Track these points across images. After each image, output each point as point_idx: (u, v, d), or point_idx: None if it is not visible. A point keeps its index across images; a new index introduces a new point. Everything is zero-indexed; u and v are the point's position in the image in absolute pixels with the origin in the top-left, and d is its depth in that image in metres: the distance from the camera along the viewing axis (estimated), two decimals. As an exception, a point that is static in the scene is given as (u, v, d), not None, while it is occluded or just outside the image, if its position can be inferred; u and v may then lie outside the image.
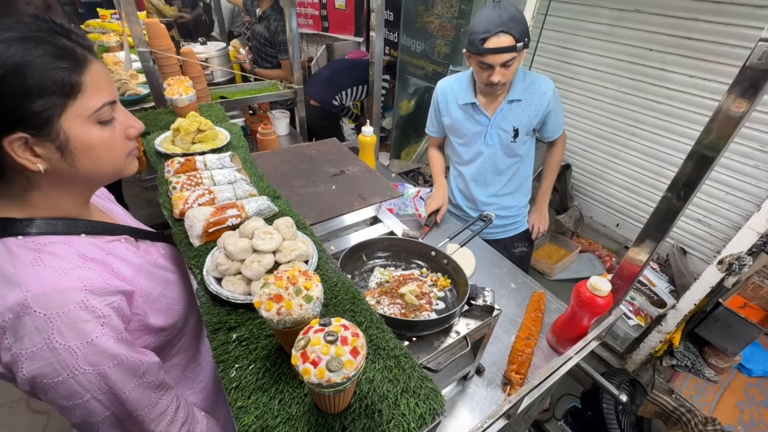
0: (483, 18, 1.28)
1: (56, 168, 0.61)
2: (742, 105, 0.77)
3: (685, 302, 1.59)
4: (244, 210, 0.87)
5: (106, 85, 0.64)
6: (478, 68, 1.39)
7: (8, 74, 0.53)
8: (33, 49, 0.55)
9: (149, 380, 0.67)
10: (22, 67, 0.53)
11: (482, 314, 0.91)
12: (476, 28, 1.29)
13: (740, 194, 2.09)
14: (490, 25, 1.25)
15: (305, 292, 0.54)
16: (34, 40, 0.55)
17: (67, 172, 0.63)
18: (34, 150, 0.58)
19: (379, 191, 1.40)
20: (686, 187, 0.90)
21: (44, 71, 0.55)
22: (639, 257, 1.10)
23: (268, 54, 2.94)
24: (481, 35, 1.27)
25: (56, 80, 0.56)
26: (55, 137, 0.58)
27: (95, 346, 0.58)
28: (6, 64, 0.52)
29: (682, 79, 2.13)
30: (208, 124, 1.17)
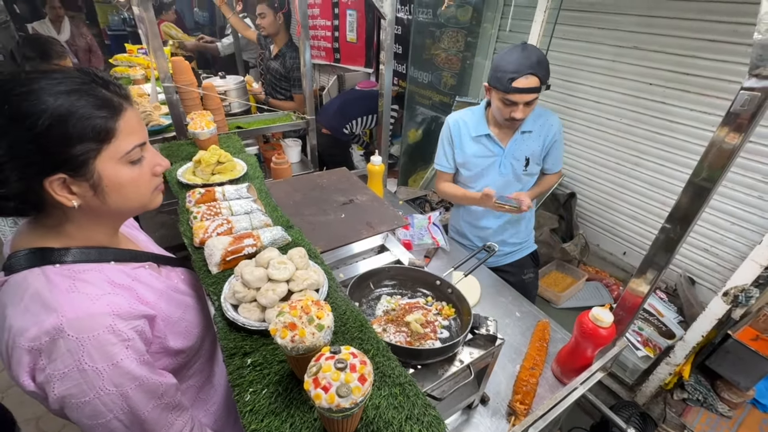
0: (512, 59, 1.35)
1: (89, 204, 0.67)
2: (730, 146, 0.81)
3: (693, 334, 1.58)
4: (260, 239, 0.92)
5: (138, 128, 0.71)
6: (501, 104, 1.45)
7: (54, 123, 0.59)
8: (77, 101, 0.61)
9: (167, 401, 0.71)
10: (67, 117, 0.60)
11: (485, 343, 0.93)
12: (505, 67, 1.36)
13: (746, 225, 2.10)
14: (520, 67, 1.33)
15: (317, 321, 0.59)
16: (78, 92, 0.62)
17: (98, 207, 0.68)
18: (70, 188, 0.64)
19: (386, 220, 1.45)
20: (684, 218, 0.94)
21: (85, 120, 0.61)
22: (640, 288, 1.12)
23: (282, 87, 3.08)
24: (510, 75, 1.34)
25: (95, 128, 0.62)
26: (90, 177, 0.64)
27: (120, 368, 0.63)
28: (54, 115, 0.59)
29: (682, 112, 2.19)
30: (227, 157, 1.25)
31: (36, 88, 0.60)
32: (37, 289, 0.63)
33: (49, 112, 0.59)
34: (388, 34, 1.90)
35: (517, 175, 1.62)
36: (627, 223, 2.64)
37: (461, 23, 3.21)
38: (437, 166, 1.82)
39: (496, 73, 1.38)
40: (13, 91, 0.59)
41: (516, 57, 1.33)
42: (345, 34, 4.48)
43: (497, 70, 1.38)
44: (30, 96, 0.59)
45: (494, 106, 1.49)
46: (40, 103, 0.59)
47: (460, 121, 1.66)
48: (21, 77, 0.61)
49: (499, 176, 1.64)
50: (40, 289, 0.63)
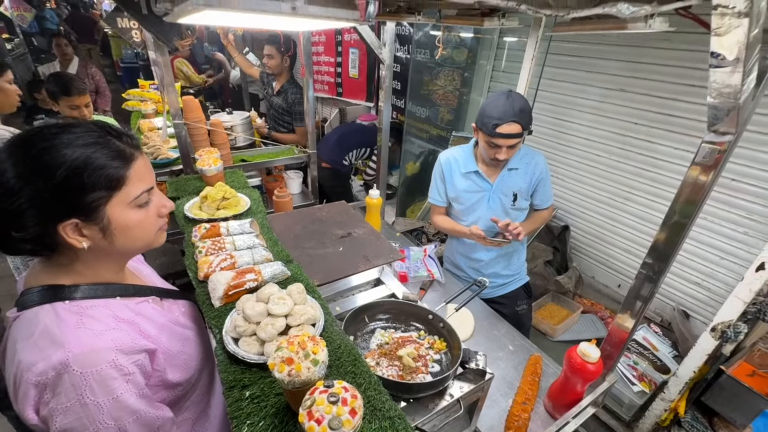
0: (497, 105, 1.45)
1: (97, 245, 0.71)
2: (698, 191, 0.88)
3: (685, 369, 1.60)
4: (261, 274, 0.98)
5: (146, 175, 0.75)
6: (486, 145, 1.55)
7: (72, 174, 0.64)
8: (93, 153, 0.66)
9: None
10: (83, 169, 0.66)
11: (475, 378, 0.97)
12: (490, 112, 1.46)
13: (734, 259, 2.15)
14: (503, 114, 1.44)
15: (313, 356, 0.63)
16: (95, 145, 0.68)
17: (106, 247, 0.72)
18: (81, 231, 0.68)
19: (383, 253, 1.50)
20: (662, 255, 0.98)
21: (99, 170, 0.66)
22: (626, 324, 1.16)
23: (284, 121, 3.23)
24: (494, 120, 1.45)
25: (108, 177, 0.68)
26: (100, 221, 0.69)
27: (119, 401, 0.66)
28: (71, 167, 0.65)
29: (668, 150, 2.29)
30: (232, 193, 1.32)
31: (57, 142, 0.66)
32: (46, 324, 0.67)
33: (67, 164, 0.64)
34: (387, 78, 2.03)
35: (506, 209, 1.69)
36: (620, 256, 2.69)
37: (457, 63, 3.40)
38: (431, 200, 1.90)
39: (483, 117, 1.49)
40: (36, 146, 0.65)
41: (501, 104, 1.44)
42: (347, 70, 4.70)
43: (483, 115, 1.49)
44: (51, 150, 0.65)
45: (481, 146, 1.60)
46: (60, 156, 0.65)
47: (451, 158, 1.77)
48: (44, 132, 0.67)
49: (488, 210, 1.71)
50: (50, 325, 0.67)
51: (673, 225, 0.94)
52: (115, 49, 8.35)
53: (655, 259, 1.00)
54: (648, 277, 1.03)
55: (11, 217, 0.64)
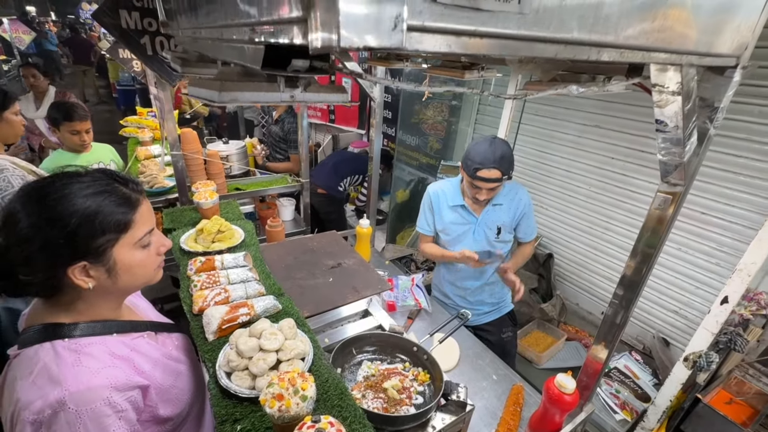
0: (479, 151, 1.55)
1: (102, 284, 0.75)
2: (656, 236, 0.98)
3: (662, 398, 1.66)
4: (254, 309, 1.03)
5: (149, 217, 0.80)
6: (468, 185, 1.66)
7: (83, 221, 0.69)
8: (102, 201, 0.72)
9: None
10: (94, 216, 0.71)
11: (457, 409, 1.01)
12: (473, 156, 1.56)
13: (708, 289, 2.25)
14: (484, 160, 1.54)
15: (302, 392, 0.68)
16: (104, 193, 0.74)
17: (110, 286, 0.76)
18: (88, 272, 0.72)
19: (371, 284, 1.56)
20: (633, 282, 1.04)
21: (108, 216, 0.72)
22: (600, 355, 1.22)
23: (281, 148, 3.33)
24: (475, 165, 1.55)
25: (116, 222, 0.73)
26: (107, 262, 0.74)
27: None
28: (83, 215, 0.70)
29: (641, 183, 2.43)
30: (227, 226, 1.38)
31: (68, 192, 0.71)
32: (46, 363, 0.70)
33: (79, 213, 0.69)
34: (378, 114, 2.14)
35: (490, 241, 1.77)
36: (602, 284, 2.78)
37: (445, 96, 3.56)
38: (419, 229, 1.98)
39: (467, 159, 1.60)
40: (49, 197, 0.70)
41: (483, 149, 1.54)
42: (340, 99, 4.86)
43: (467, 157, 1.59)
44: (63, 200, 0.70)
45: (464, 184, 1.69)
46: (71, 206, 0.70)
47: (439, 191, 1.85)
48: (55, 183, 0.73)
49: (473, 242, 1.79)
50: (49, 363, 0.70)
51: (639, 260, 1.02)
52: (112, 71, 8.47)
53: (624, 290, 1.08)
54: (619, 307, 1.10)
55: (21, 262, 0.69)
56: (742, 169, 2.03)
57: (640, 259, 1.02)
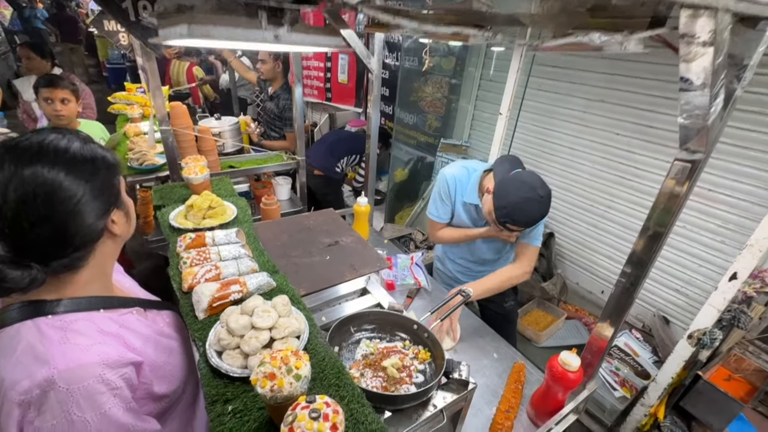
0: (524, 208, 1.34)
1: (122, 231, 0.77)
2: (671, 207, 0.92)
3: (664, 375, 1.64)
4: (246, 286, 0.98)
5: None
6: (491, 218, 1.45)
7: (112, 167, 0.74)
8: (107, 151, 0.75)
9: None
10: (103, 157, 0.73)
11: (458, 388, 0.98)
12: (514, 214, 1.35)
13: (711, 267, 2.22)
14: (526, 223, 1.39)
15: (295, 372, 0.64)
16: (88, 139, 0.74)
17: (125, 234, 0.79)
18: (113, 219, 0.74)
19: (369, 262, 1.51)
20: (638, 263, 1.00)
21: (109, 157, 0.74)
22: (605, 333, 1.19)
23: (276, 126, 3.23)
24: (513, 222, 1.38)
25: (116, 162, 0.76)
26: (121, 205, 0.76)
27: (107, 416, 0.65)
28: (100, 156, 0.72)
29: (646, 160, 2.36)
30: (219, 202, 1.32)
31: (73, 141, 0.70)
32: (29, 341, 0.65)
33: (100, 157, 0.72)
34: (375, 87, 2.05)
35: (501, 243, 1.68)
36: (603, 263, 2.75)
37: (445, 71, 3.44)
38: (430, 216, 1.78)
39: (503, 205, 1.37)
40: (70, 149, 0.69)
41: (529, 209, 1.35)
42: (337, 76, 4.71)
43: (506, 205, 1.36)
44: (84, 150, 0.70)
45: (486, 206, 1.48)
46: (90, 150, 0.71)
47: (457, 181, 1.66)
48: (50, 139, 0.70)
49: (482, 242, 1.70)
50: (33, 342, 0.66)
51: (650, 235, 0.97)
52: (101, 49, 8.22)
53: (633, 268, 1.03)
54: (626, 285, 1.06)
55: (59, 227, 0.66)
56: (752, 143, 1.96)
57: (652, 233, 0.96)
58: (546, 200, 1.38)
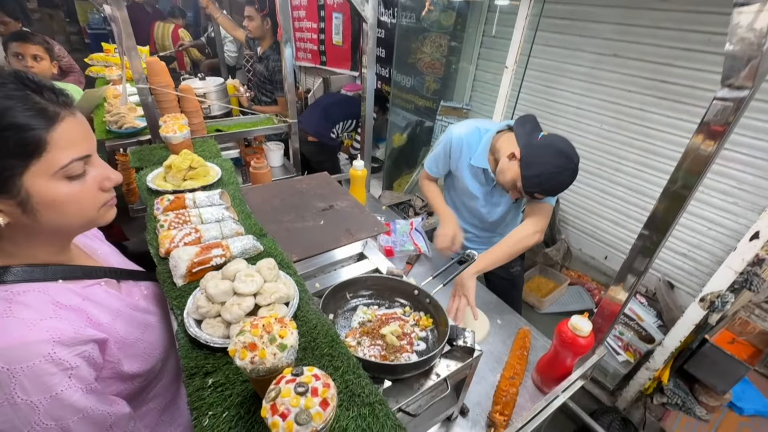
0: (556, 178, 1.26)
1: (18, 222, 0.61)
2: (705, 154, 0.82)
3: (671, 339, 1.60)
4: (229, 249, 0.88)
5: (80, 140, 0.63)
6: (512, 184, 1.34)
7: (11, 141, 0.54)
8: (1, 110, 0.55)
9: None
10: (29, 141, 0.55)
11: (463, 355, 0.91)
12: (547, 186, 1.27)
13: (722, 230, 2.14)
14: (554, 190, 1.30)
15: (279, 341, 0.56)
16: (4, 99, 0.55)
17: (30, 225, 0.62)
18: None
19: (366, 227, 1.42)
20: (660, 225, 0.93)
21: (8, 132, 0.55)
22: (619, 296, 1.12)
23: (267, 90, 3.04)
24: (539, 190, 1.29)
25: (20, 141, 0.55)
26: (16, 194, 0.58)
27: (60, 399, 0.57)
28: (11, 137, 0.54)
29: (659, 119, 2.23)
30: (200, 162, 1.20)
31: None
32: None
33: None
34: (370, 38, 1.88)
35: (509, 204, 1.57)
36: (608, 228, 2.68)
37: (444, 28, 3.22)
38: (426, 166, 1.72)
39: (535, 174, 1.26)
40: None
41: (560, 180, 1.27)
42: (331, 37, 4.44)
43: (538, 175, 1.26)
44: None
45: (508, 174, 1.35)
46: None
47: (464, 141, 1.51)
48: None
49: (486, 203, 1.58)
50: None
51: (676, 190, 0.88)
52: (81, 14, 7.76)
53: (652, 230, 0.95)
54: (644, 248, 0.98)
55: None
56: (775, 97, 1.83)
57: (680, 187, 0.87)
58: (577, 168, 1.28)
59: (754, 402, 1.90)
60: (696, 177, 0.83)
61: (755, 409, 1.87)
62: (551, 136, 1.34)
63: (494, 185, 1.52)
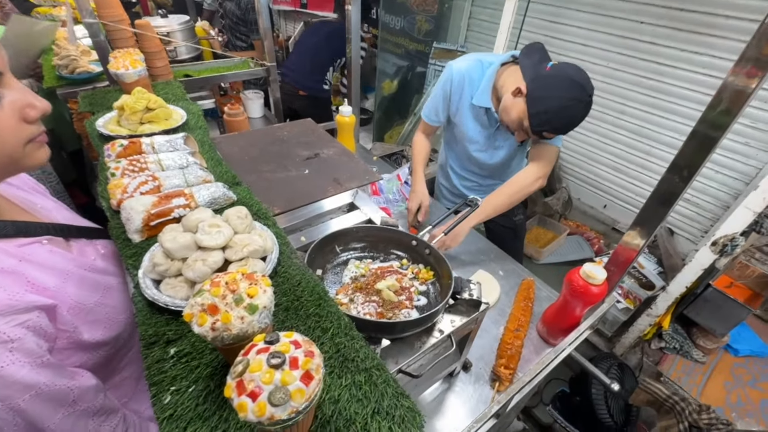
0: (570, 113, 1.10)
1: None
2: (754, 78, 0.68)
3: (677, 285, 1.55)
4: (194, 199, 0.75)
5: None
6: (518, 123, 1.19)
7: None
8: None
9: (84, 407, 0.57)
10: None
11: (468, 309, 0.82)
12: (558, 123, 1.12)
13: (729, 172, 2.05)
14: (567, 126, 1.13)
15: (248, 301, 0.44)
16: None
17: None
18: None
19: (356, 175, 1.28)
20: (689, 167, 0.86)
21: None
22: (635, 242, 1.03)
23: (241, 33, 2.75)
24: (559, 132, 1.15)
25: None
26: None
27: (2, 377, 0.48)
28: None
29: (673, 53, 2.05)
30: (158, 102, 1.03)
31: None
32: None
33: None
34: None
35: (514, 148, 1.42)
36: (609, 175, 2.57)
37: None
38: (423, 114, 1.54)
39: (544, 110, 1.11)
40: None
41: (574, 115, 1.10)
42: (311, -25, 4.02)
43: (547, 110, 1.10)
44: None
45: (513, 112, 1.19)
46: None
47: (466, 76, 1.34)
48: None
49: (488, 147, 1.43)
50: None
51: (712, 122, 0.77)
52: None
53: (677, 173, 0.88)
54: (667, 193, 0.90)
55: None
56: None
57: (712, 123, 0.76)
58: (591, 100, 1.11)
59: (749, 343, 1.91)
60: (731, 116, 0.72)
61: (750, 349, 1.89)
62: (561, 64, 1.17)
63: (498, 127, 1.37)
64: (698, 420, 1.33)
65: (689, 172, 0.86)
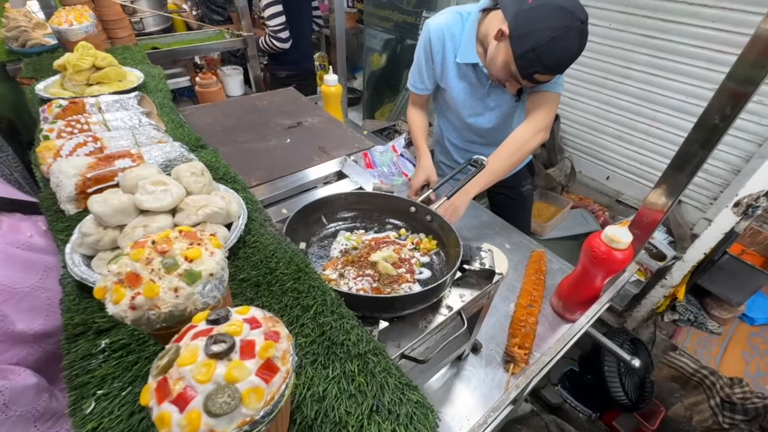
0: (564, 47, 0.94)
1: None
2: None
3: (694, 251, 1.44)
4: (143, 160, 0.61)
5: None
6: (505, 72, 1.03)
7: None
8: None
9: (21, 411, 0.45)
10: None
11: (479, 281, 0.70)
12: (549, 59, 0.95)
13: (741, 134, 1.93)
14: (559, 65, 0.97)
15: (185, 266, 0.31)
16: None
17: None
18: None
19: (344, 142, 1.15)
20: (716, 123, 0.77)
21: None
22: (661, 201, 0.92)
23: (218, 6, 2.55)
24: (552, 71, 0.98)
25: None
26: None
27: None
28: None
29: (680, 8, 1.91)
30: (108, 59, 0.88)
31: None
32: None
33: None
34: None
35: (510, 106, 1.25)
36: (611, 145, 2.45)
37: None
38: (410, 83, 1.39)
39: (530, 48, 0.94)
40: None
41: (566, 47, 0.93)
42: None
43: (533, 47, 0.94)
44: None
45: (499, 58, 1.03)
46: None
47: (445, 31, 1.17)
48: None
49: (486, 110, 1.27)
50: None
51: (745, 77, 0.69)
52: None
53: (704, 130, 0.84)
54: (693, 151, 0.81)
55: None
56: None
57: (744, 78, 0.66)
58: (586, 27, 0.94)
59: (765, 311, 1.83)
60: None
61: (766, 318, 1.80)
62: None
63: (490, 84, 1.20)
64: (731, 394, 1.24)
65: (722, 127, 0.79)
